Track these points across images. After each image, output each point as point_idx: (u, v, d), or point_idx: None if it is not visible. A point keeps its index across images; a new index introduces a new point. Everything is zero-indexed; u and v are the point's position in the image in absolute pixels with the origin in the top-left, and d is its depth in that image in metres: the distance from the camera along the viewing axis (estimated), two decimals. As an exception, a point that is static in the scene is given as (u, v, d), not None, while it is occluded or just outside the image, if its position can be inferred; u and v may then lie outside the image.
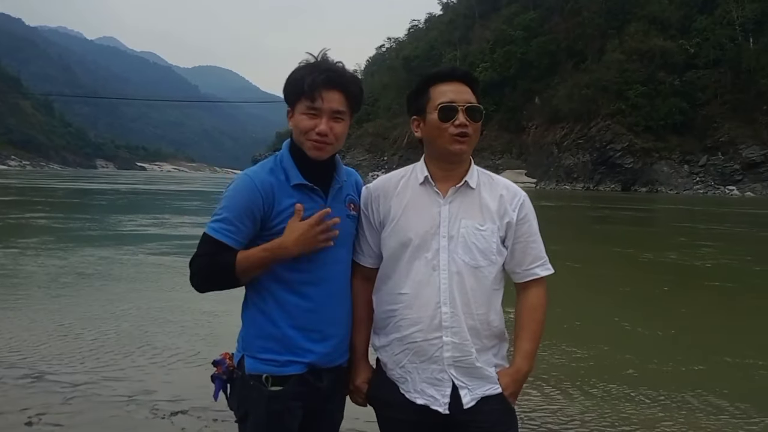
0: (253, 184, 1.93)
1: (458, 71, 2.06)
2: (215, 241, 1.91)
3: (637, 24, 77.19)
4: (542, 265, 2.12)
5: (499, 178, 2.16)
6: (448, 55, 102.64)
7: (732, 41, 71.87)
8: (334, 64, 1.98)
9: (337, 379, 2.08)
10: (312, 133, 1.94)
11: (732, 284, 10.60)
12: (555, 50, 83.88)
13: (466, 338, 2.01)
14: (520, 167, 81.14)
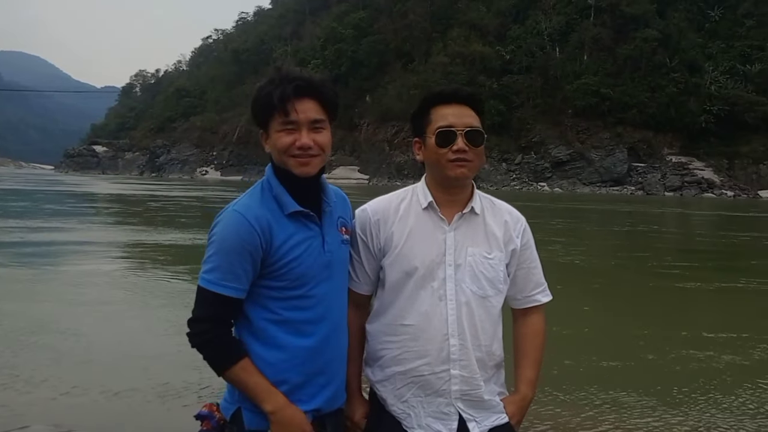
0: (246, 222, 1.72)
1: (461, 93, 1.93)
2: (217, 296, 1.70)
3: (459, 29, 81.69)
4: (543, 291, 2.09)
5: (500, 203, 2.06)
6: (279, 50, 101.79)
7: (541, 50, 78.49)
8: (299, 73, 1.81)
9: (338, 422, 1.95)
10: (293, 148, 1.76)
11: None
12: (384, 50, 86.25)
13: (474, 371, 1.93)
14: (353, 164, 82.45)
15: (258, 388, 1.73)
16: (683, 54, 73.61)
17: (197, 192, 43.16)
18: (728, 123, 69.06)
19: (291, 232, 1.77)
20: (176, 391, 4.72)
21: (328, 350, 1.84)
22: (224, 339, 1.75)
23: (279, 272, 1.75)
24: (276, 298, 1.78)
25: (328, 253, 1.83)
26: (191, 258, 12.09)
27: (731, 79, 71.79)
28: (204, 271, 1.73)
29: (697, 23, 79.18)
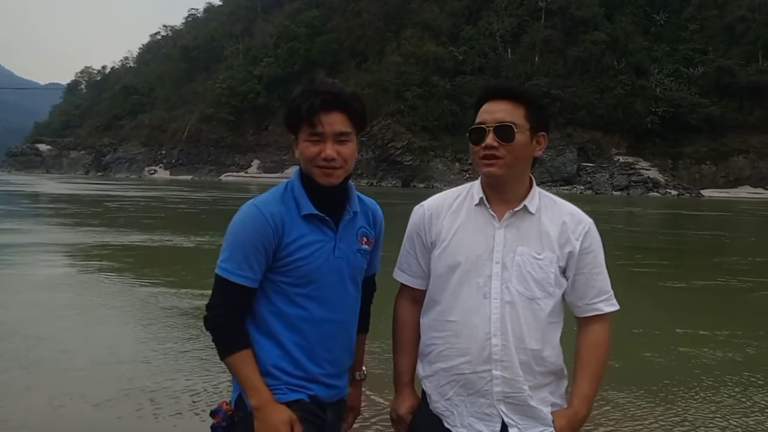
0: (262, 215, 1.81)
1: (498, 88, 1.90)
2: (232, 284, 1.80)
3: (413, 30, 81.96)
4: (606, 300, 1.95)
5: (563, 203, 1.97)
6: (230, 47, 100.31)
7: (494, 51, 79.40)
8: (331, 85, 1.84)
9: (339, 413, 2.01)
10: (318, 159, 1.81)
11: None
12: (338, 49, 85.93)
13: (518, 374, 1.85)
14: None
15: (247, 381, 1.81)
16: (630, 57, 75.49)
17: (155, 192, 42.25)
18: (672, 124, 71.17)
19: (304, 232, 1.83)
20: (158, 399, 4.54)
21: (322, 350, 1.88)
22: (234, 326, 1.83)
23: (285, 268, 1.82)
24: (279, 292, 1.85)
25: (338, 258, 1.87)
26: (160, 260, 11.73)
27: (675, 82, 73.99)
28: (221, 260, 1.82)
29: (643, 27, 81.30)
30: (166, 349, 5.84)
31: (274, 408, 1.79)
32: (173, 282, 9.20)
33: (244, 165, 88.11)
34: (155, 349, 5.84)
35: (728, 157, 72.08)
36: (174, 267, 10.87)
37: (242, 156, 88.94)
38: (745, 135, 71.99)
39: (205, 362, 5.49)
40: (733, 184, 70.89)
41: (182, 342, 6.13)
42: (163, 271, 10.20)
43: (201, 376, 5.09)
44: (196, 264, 11.55)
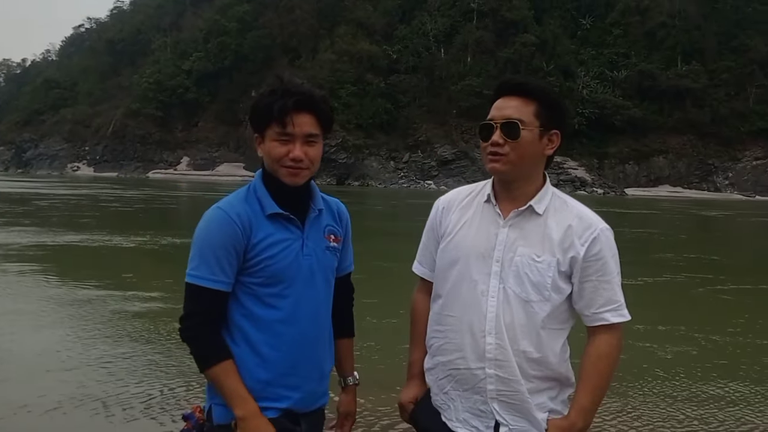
0: (228, 218, 1.80)
1: (508, 83, 1.89)
2: (206, 290, 1.78)
3: (347, 27, 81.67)
4: (615, 309, 1.88)
5: (576, 205, 1.92)
6: (158, 41, 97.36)
7: (427, 50, 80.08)
8: (301, 86, 1.87)
9: (317, 422, 1.98)
10: (286, 159, 1.82)
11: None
12: (270, 45, 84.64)
13: (513, 374, 1.85)
14: (238, 160, 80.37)
15: (233, 392, 1.78)
16: (558, 59, 77.64)
17: (84, 189, 40.58)
18: (598, 125, 73.64)
19: (270, 231, 1.82)
20: (110, 403, 4.43)
21: (298, 352, 1.86)
22: (212, 337, 1.80)
23: (255, 268, 1.81)
24: (249, 294, 1.83)
25: (307, 256, 1.86)
26: (102, 261, 11.34)
27: (600, 84, 76.56)
28: (191, 268, 1.79)
29: (570, 30, 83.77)
30: (118, 354, 5.64)
31: (261, 420, 1.77)
32: (119, 284, 8.86)
33: (173, 162, 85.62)
34: (107, 353, 5.64)
35: (649, 158, 75.23)
36: (117, 268, 10.48)
37: (171, 153, 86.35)
38: (665, 136, 75.31)
39: (158, 365, 5.33)
40: (654, 183, 74.06)
41: (134, 345, 5.95)
42: (107, 273, 9.81)
43: (154, 380, 4.94)
44: (140, 265, 11.25)
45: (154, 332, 6.43)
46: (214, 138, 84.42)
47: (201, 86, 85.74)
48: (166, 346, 5.97)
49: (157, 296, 8.18)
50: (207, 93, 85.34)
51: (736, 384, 5.50)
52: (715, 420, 4.66)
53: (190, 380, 4.92)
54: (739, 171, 75.05)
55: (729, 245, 21.34)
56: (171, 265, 10.94)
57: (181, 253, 13.24)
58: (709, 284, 11.06)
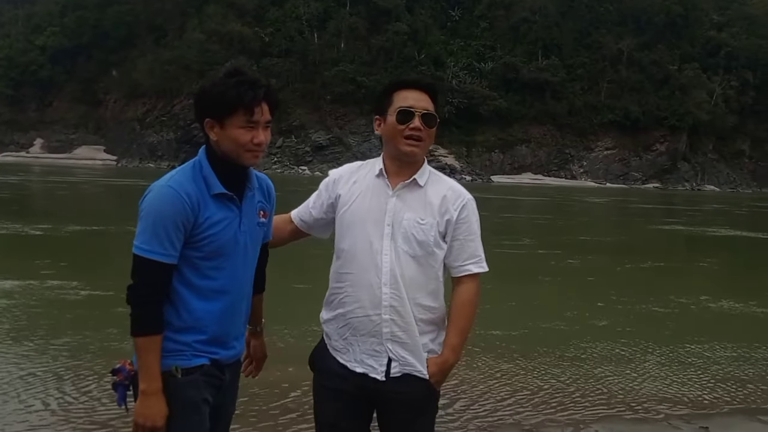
0: (179, 195, 1.94)
1: (423, 81, 2.29)
2: (155, 263, 1.93)
3: (216, 6, 78.77)
4: (477, 262, 2.30)
5: (447, 180, 2.35)
6: (8, 13, 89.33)
7: (300, 34, 79.11)
8: (260, 76, 2.05)
9: (235, 372, 2.20)
10: (250, 144, 2.00)
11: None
12: (133, 22, 80.00)
13: (406, 318, 2.20)
14: (98, 143, 75.80)
15: (147, 367, 1.94)
16: (429, 49, 79.54)
17: None
18: (466, 114, 76.30)
19: (214, 210, 2.00)
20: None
21: (230, 315, 2.08)
22: (156, 309, 1.95)
23: (198, 244, 1.98)
24: (190, 266, 2.00)
25: (243, 233, 2.07)
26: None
27: (469, 75, 79.26)
28: (141, 242, 1.93)
29: (440, 21, 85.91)
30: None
31: (159, 398, 1.94)
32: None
33: (25, 144, 79.13)
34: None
35: (513, 146, 79.12)
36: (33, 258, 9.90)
37: (23, 134, 79.72)
38: (527, 126, 79.43)
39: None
40: (518, 171, 78.00)
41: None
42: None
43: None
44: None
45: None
46: (71, 119, 78.91)
47: (56, 63, 79.72)
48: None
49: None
50: (63, 71, 79.51)
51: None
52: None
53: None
54: (593, 160, 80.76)
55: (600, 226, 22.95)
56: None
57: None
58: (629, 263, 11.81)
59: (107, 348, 5.68)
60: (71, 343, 5.88)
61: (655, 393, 5.25)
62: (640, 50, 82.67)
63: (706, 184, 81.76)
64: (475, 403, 4.86)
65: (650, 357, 6.29)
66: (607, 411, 4.85)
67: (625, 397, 5.14)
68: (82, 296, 7.92)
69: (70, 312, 7.17)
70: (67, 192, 28.67)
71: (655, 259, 14.13)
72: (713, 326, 7.82)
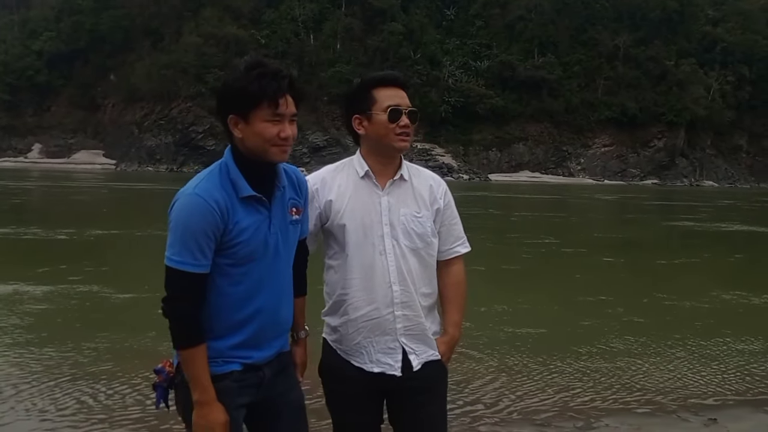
0: (207, 204, 1.88)
1: (400, 79, 2.33)
2: (189, 274, 1.89)
3: (212, 10, 78.73)
4: (462, 243, 2.44)
5: (423, 170, 2.42)
6: (3, 18, 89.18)
7: (296, 36, 79.20)
8: (283, 67, 1.98)
9: (280, 366, 2.13)
10: (276, 138, 1.93)
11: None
12: (130, 26, 79.97)
13: (416, 311, 2.27)
14: (96, 147, 75.71)
15: (196, 378, 1.92)
16: (425, 48, 79.62)
17: None
18: (463, 113, 76.44)
19: (242, 215, 1.94)
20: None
21: (264, 320, 2.02)
22: (192, 319, 1.91)
23: (229, 251, 1.93)
24: (222, 274, 1.95)
25: (273, 234, 2.00)
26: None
27: (465, 74, 79.36)
28: (172, 253, 1.89)
29: (435, 21, 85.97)
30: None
31: (215, 407, 1.92)
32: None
33: (23, 149, 78.97)
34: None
35: (511, 144, 79.20)
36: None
37: (20, 139, 79.59)
38: (524, 124, 79.52)
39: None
40: (515, 169, 78.08)
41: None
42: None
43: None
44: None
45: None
46: (69, 123, 78.77)
47: (53, 68, 79.60)
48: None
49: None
50: (59, 75, 79.39)
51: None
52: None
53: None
54: (590, 157, 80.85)
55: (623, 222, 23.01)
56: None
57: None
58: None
59: (147, 351, 5.72)
60: (113, 347, 5.94)
61: (665, 385, 5.32)
62: (637, 46, 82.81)
63: (705, 180, 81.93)
64: (486, 397, 4.92)
65: (666, 350, 6.36)
66: (618, 404, 4.92)
67: (636, 390, 5.21)
68: (123, 299, 8.02)
69: (113, 314, 7.26)
70: (84, 197, 28.64)
71: (688, 256, 14.33)
72: (741, 319, 7.90)
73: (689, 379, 5.51)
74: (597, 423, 4.53)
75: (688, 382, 5.43)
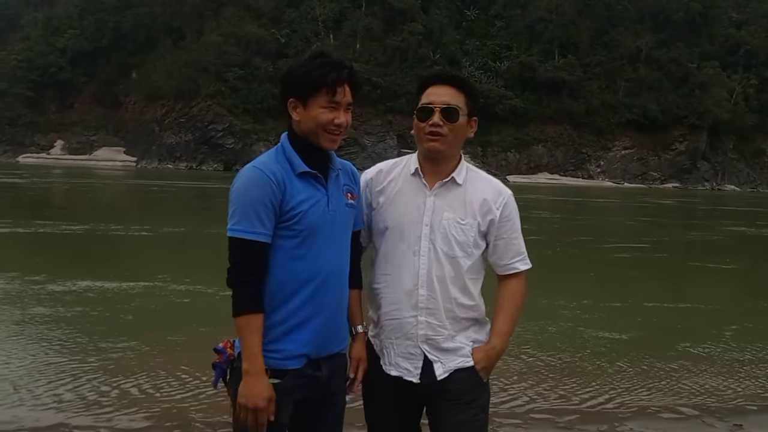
0: (264, 175, 1.97)
1: (444, 75, 2.24)
2: (250, 242, 1.95)
3: (233, 9, 79.23)
4: (522, 260, 2.31)
5: (486, 177, 2.30)
6: (28, 16, 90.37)
7: (316, 35, 79.33)
8: (345, 57, 2.08)
9: (336, 366, 2.15)
10: (330, 125, 2.02)
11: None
12: (152, 24, 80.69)
13: (441, 319, 2.18)
14: (118, 145, 76.45)
15: (248, 346, 1.96)
16: (444, 48, 79.44)
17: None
18: (482, 114, 74.50)
19: (300, 188, 2.01)
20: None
21: (322, 298, 2.04)
22: (254, 288, 1.97)
23: (290, 222, 1.99)
24: (282, 247, 2.00)
25: (331, 212, 2.05)
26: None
27: (484, 75, 78.99)
28: (234, 223, 1.97)
29: (455, 21, 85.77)
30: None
31: (261, 379, 1.95)
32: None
33: (46, 146, 79.93)
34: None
35: (530, 146, 78.79)
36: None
37: (43, 136, 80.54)
38: (543, 126, 79.03)
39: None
40: (534, 171, 77.62)
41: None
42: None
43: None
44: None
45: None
46: (91, 120, 79.56)
47: (76, 66, 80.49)
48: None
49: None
50: (83, 73, 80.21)
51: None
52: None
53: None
54: (610, 159, 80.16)
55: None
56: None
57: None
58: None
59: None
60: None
61: (690, 390, 5.29)
62: (659, 48, 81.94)
63: (726, 184, 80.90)
64: (508, 398, 4.93)
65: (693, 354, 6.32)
66: (642, 408, 4.89)
67: (660, 393, 5.18)
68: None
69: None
70: (140, 196, 28.92)
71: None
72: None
73: (715, 384, 5.46)
74: (621, 427, 4.51)
75: (714, 387, 5.39)
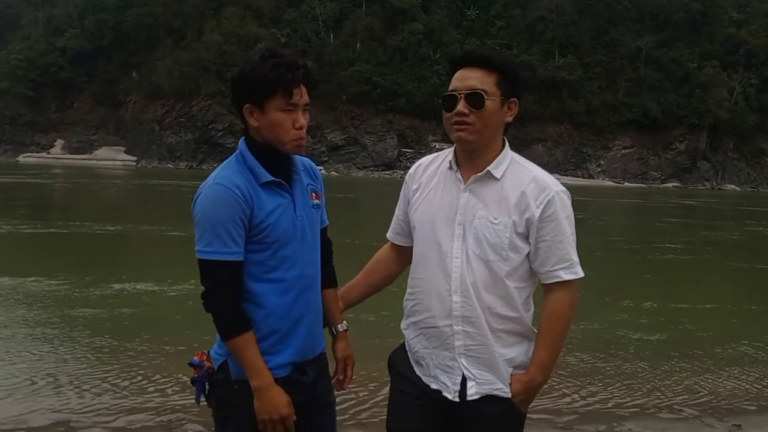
0: (230, 191, 1.89)
1: (471, 56, 1.98)
2: (222, 263, 1.88)
3: (234, 8, 79.25)
4: (568, 267, 1.96)
5: (532, 169, 2.01)
6: (28, 15, 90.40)
7: (316, 35, 79.43)
8: (297, 57, 1.97)
9: (320, 367, 2.11)
10: (290, 128, 1.93)
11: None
12: (152, 24, 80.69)
13: (481, 329, 1.95)
14: (118, 144, 76.50)
15: (250, 364, 1.90)
16: (445, 48, 79.28)
17: None
18: (483, 114, 75.97)
19: (266, 200, 1.93)
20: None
21: (302, 305, 2.00)
22: (236, 309, 1.91)
23: (259, 235, 1.92)
24: (254, 261, 1.93)
25: (300, 217, 2.00)
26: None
27: (483, 74, 78.89)
28: (203, 246, 1.89)
29: (456, 21, 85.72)
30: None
31: (275, 390, 1.91)
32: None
33: (46, 145, 79.97)
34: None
35: (530, 145, 78.51)
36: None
37: (43, 135, 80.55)
38: (543, 125, 78.87)
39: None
40: (534, 170, 77.54)
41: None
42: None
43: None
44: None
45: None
46: (91, 120, 79.58)
47: (76, 65, 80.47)
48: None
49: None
50: (83, 72, 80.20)
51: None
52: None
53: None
54: (610, 159, 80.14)
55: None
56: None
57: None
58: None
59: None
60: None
61: (689, 390, 5.30)
62: (659, 48, 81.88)
63: (727, 184, 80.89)
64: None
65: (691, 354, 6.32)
66: (641, 408, 4.90)
67: (659, 393, 5.19)
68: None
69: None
70: (151, 195, 28.86)
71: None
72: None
73: (714, 384, 5.47)
74: (619, 427, 4.52)
75: (713, 387, 5.40)
